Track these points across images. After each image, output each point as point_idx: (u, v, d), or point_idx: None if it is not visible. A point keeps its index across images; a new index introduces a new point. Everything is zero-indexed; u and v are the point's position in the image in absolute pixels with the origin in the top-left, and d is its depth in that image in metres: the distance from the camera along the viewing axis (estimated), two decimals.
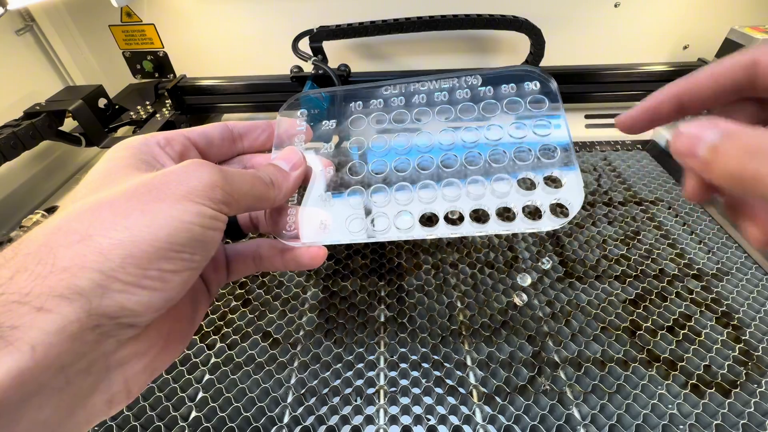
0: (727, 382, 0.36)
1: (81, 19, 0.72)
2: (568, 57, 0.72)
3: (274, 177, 0.21)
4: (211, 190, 0.17)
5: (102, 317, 0.14)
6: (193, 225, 0.16)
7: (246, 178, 0.19)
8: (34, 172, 0.63)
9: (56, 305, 0.13)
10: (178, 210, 0.15)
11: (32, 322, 0.13)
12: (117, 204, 0.15)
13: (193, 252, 0.16)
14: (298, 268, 0.22)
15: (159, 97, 0.73)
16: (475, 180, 0.23)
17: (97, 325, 0.14)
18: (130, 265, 0.14)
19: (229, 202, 0.17)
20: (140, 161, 0.18)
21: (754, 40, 0.60)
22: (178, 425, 0.34)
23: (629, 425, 0.33)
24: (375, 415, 0.35)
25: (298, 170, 0.23)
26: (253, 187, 0.19)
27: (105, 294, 0.14)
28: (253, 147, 0.25)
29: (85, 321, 0.13)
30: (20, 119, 0.56)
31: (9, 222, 0.58)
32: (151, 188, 0.16)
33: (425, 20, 0.62)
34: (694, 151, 0.14)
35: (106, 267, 0.14)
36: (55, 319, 0.13)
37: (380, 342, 0.40)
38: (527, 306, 0.43)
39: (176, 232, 0.15)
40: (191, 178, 0.16)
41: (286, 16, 0.70)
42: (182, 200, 0.16)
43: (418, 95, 0.26)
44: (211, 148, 0.23)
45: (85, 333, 0.14)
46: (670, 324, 0.40)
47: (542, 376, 0.37)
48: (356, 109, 0.27)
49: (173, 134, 0.21)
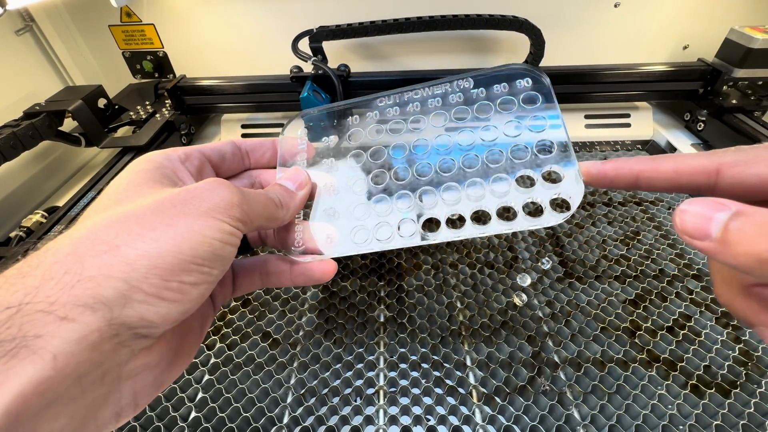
0: (727, 382, 0.36)
1: (81, 19, 0.72)
2: (568, 57, 0.72)
3: (282, 197, 0.22)
4: (231, 208, 0.18)
5: (121, 326, 0.14)
6: (214, 240, 0.16)
7: (260, 199, 0.20)
8: (34, 172, 0.63)
9: (80, 314, 0.13)
10: (201, 225, 0.16)
11: (55, 332, 0.13)
12: (143, 217, 0.16)
13: (212, 266, 0.17)
14: (308, 282, 0.23)
15: (159, 97, 0.73)
16: (474, 182, 0.23)
17: (115, 334, 0.14)
18: (154, 276, 0.15)
19: (245, 221, 0.18)
20: (163, 176, 0.19)
21: (754, 40, 0.60)
22: (178, 425, 0.34)
23: (629, 426, 0.33)
24: (375, 416, 0.35)
25: (304, 190, 0.24)
26: (265, 208, 0.20)
27: (127, 304, 0.14)
28: (259, 163, 0.26)
29: (105, 330, 0.14)
30: (20, 119, 0.56)
31: (9, 222, 0.58)
32: (175, 203, 0.17)
33: (425, 20, 0.62)
34: (706, 232, 0.13)
35: (131, 276, 0.14)
36: (77, 329, 0.13)
37: (380, 342, 0.40)
38: (527, 306, 0.43)
39: (199, 246, 0.16)
40: (214, 196, 0.17)
41: (286, 16, 0.70)
42: (204, 216, 0.17)
43: (412, 104, 0.27)
44: (223, 163, 0.24)
45: (104, 342, 0.14)
46: (669, 324, 0.40)
47: (542, 377, 0.37)
48: (354, 122, 0.27)
49: (191, 150, 0.22)
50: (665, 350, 0.38)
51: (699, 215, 0.14)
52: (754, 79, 0.64)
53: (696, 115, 0.67)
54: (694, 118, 0.67)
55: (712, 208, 0.13)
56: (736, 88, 0.65)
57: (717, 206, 0.13)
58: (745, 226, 0.13)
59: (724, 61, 0.65)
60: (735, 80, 0.64)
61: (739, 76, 0.63)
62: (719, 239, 0.13)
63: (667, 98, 0.71)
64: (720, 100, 0.64)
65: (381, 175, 0.25)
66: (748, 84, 0.64)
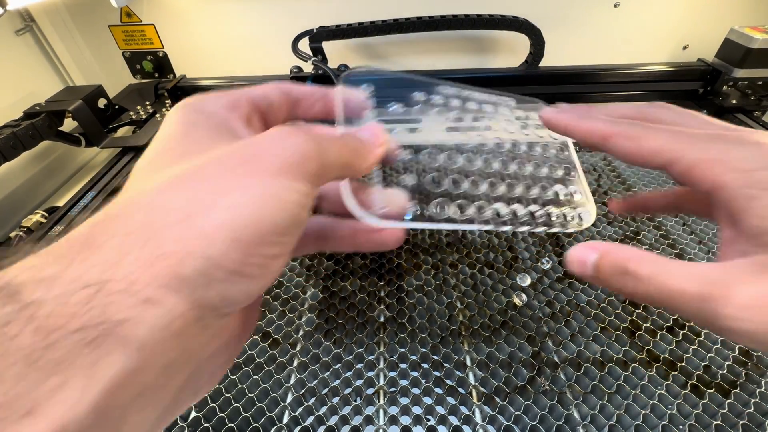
0: (727, 382, 0.36)
1: (81, 20, 0.72)
2: (568, 57, 0.72)
3: (360, 146, 0.19)
4: (307, 162, 0.15)
5: (204, 309, 0.13)
6: (293, 204, 0.14)
7: (335, 141, 0.17)
8: (34, 172, 0.63)
9: (163, 296, 0.12)
10: (276, 187, 0.14)
11: (140, 317, 0.11)
12: (212, 178, 0.14)
13: (293, 235, 0.15)
14: (374, 249, 0.21)
15: (159, 98, 0.73)
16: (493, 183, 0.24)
17: (199, 317, 0.13)
18: (234, 251, 0.13)
19: (322, 176, 0.16)
20: (218, 125, 0.17)
21: (754, 40, 0.60)
22: (178, 425, 0.34)
23: (629, 425, 0.33)
24: (374, 416, 0.35)
25: (383, 146, 0.20)
26: (341, 155, 0.17)
27: (209, 284, 0.12)
28: (307, 114, 0.22)
29: (189, 315, 0.12)
30: (20, 119, 0.56)
31: (9, 222, 0.58)
32: (244, 160, 0.14)
33: (425, 20, 0.62)
34: (584, 270, 0.18)
35: (210, 253, 0.12)
36: (162, 314, 0.12)
37: (380, 342, 0.40)
38: (527, 306, 0.43)
39: (278, 213, 0.14)
40: (285, 149, 0.15)
41: (286, 16, 0.70)
42: (278, 175, 0.14)
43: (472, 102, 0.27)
44: (270, 110, 0.21)
45: (189, 327, 0.12)
46: (669, 324, 0.40)
47: (542, 377, 0.37)
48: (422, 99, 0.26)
49: (237, 96, 0.19)
50: (665, 350, 0.38)
51: (578, 256, 0.18)
52: (754, 79, 0.64)
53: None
54: None
55: (587, 249, 0.18)
56: (736, 88, 0.65)
57: (590, 248, 0.18)
58: (603, 262, 0.18)
59: (724, 61, 0.65)
60: (735, 80, 0.64)
61: (739, 76, 0.63)
62: (591, 274, 0.18)
63: (667, 98, 0.71)
64: (720, 100, 0.64)
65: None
66: (748, 84, 0.64)
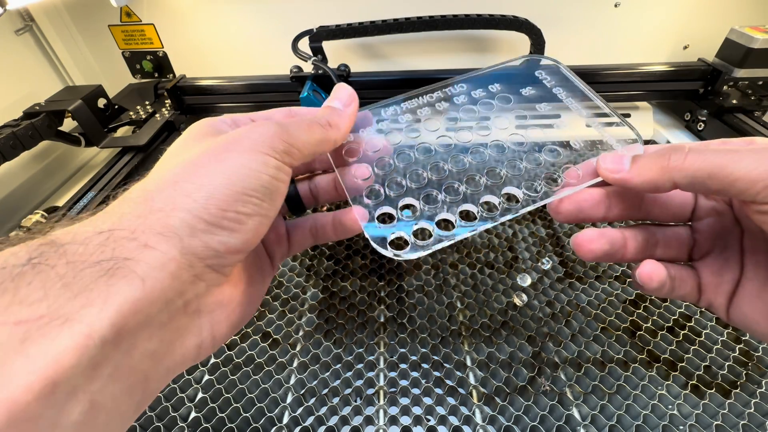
0: (727, 382, 0.36)
1: (81, 19, 0.72)
2: (568, 57, 0.71)
3: (330, 117, 0.22)
4: (273, 140, 0.19)
5: (192, 257, 0.16)
6: (260, 173, 0.18)
7: (302, 124, 0.21)
8: (34, 172, 0.63)
9: (157, 242, 0.15)
10: (246, 159, 0.18)
11: (141, 257, 0.14)
12: (197, 159, 0.18)
13: (262, 198, 0.18)
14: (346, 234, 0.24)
15: (158, 97, 0.73)
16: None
17: (189, 265, 0.16)
18: (212, 206, 0.16)
19: (291, 152, 0.19)
20: (215, 130, 0.21)
21: (754, 40, 0.60)
22: (178, 426, 0.34)
23: (629, 426, 0.33)
24: (375, 416, 0.35)
25: (351, 106, 0.23)
26: (311, 132, 0.21)
27: (193, 233, 0.16)
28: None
29: (180, 260, 0.15)
30: (20, 119, 0.55)
31: (9, 222, 0.58)
32: (225, 144, 0.18)
33: (425, 20, 0.62)
34: (619, 167, 0.20)
35: (192, 207, 0.16)
36: (158, 256, 0.15)
37: (380, 342, 0.40)
38: (527, 306, 0.43)
39: (247, 179, 0.17)
40: (255, 133, 0.19)
41: (286, 16, 0.70)
42: (249, 151, 0.18)
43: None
44: None
45: (182, 271, 0.15)
46: (670, 324, 0.40)
47: (542, 377, 0.37)
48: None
49: (239, 117, 0.23)
50: (665, 350, 0.38)
51: (614, 157, 0.21)
52: (755, 79, 0.64)
53: (696, 115, 0.67)
54: (694, 118, 0.67)
55: (621, 152, 0.21)
56: (736, 88, 0.65)
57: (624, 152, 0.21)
58: (644, 158, 0.20)
59: (725, 61, 0.65)
60: (735, 80, 0.64)
61: (740, 76, 0.63)
62: (629, 169, 0.20)
63: (668, 98, 0.71)
64: (720, 100, 0.64)
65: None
66: (748, 84, 0.64)
